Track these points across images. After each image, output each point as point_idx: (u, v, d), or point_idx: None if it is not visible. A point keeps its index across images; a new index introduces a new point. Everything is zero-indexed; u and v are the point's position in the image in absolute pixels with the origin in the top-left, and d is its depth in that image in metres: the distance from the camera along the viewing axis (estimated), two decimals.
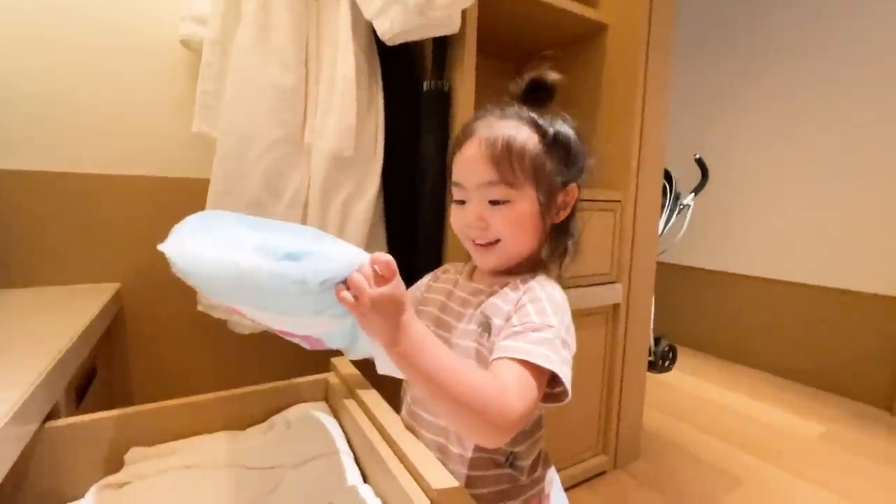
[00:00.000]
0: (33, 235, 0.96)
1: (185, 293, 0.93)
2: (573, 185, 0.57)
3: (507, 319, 0.51)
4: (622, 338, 1.28)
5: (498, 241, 0.54)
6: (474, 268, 0.64)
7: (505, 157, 0.52)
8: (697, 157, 2.08)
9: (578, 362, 0.50)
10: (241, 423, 0.71)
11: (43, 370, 0.53)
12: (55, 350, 0.59)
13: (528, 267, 0.58)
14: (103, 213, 1.02)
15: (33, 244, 0.96)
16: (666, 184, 2.03)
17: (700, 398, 1.89)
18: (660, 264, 2.41)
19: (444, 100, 0.94)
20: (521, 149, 0.53)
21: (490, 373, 0.45)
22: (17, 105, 0.94)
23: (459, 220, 0.56)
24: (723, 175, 2.30)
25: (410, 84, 0.98)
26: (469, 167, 0.54)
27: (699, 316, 2.49)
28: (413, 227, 0.99)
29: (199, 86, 0.90)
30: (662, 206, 2.02)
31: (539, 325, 0.48)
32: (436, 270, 0.70)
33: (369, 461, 0.59)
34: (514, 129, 0.54)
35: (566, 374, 0.47)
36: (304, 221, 0.92)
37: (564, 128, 0.57)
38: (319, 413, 0.71)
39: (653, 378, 2.01)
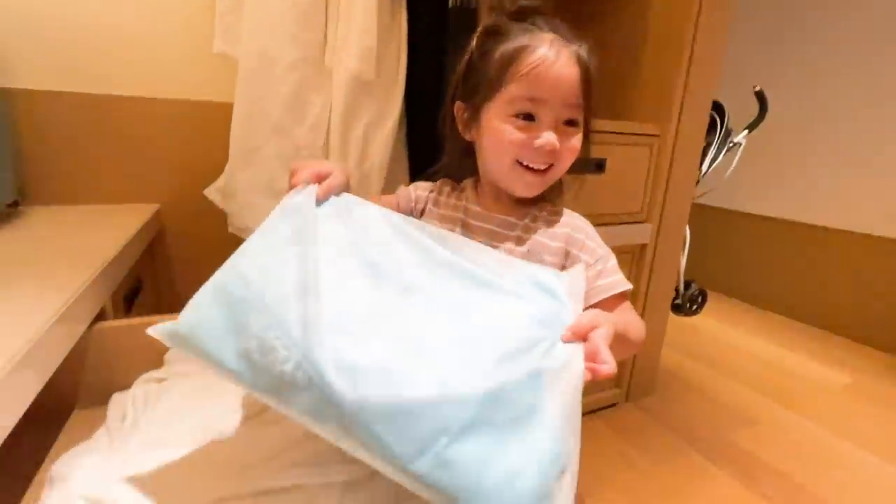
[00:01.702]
0: (75, 155, 1.02)
1: (220, 215, 0.98)
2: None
3: (558, 256, 0.54)
4: (646, 279, 1.26)
5: (551, 166, 0.52)
6: (477, 189, 0.60)
7: (588, 81, 0.51)
8: (757, 88, 1.88)
9: None
10: None
11: (89, 277, 0.59)
12: (100, 260, 0.65)
13: (550, 193, 0.58)
14: (140, 136, 1.06)
15: (75, 164, 1.02)
16: (717, 118, 1.87)
17: (724, 343, 1.88)
18: (700, 206, 2.30)
19: (471, 17, 0.87)
20: (595, 75, 0.52)
21: (611, 309, 0.50)
22: (56, 28, 0.96)
23: (524, 139, 0.50)
24: (781, 113, 2.09)
25: (436, 2, 0.92)
26: (556, 81, 0.49)
27: (736, 262, 2.40)
28: (437, 155, 0.97)
29: (217, 5, 0.88)
30: (710, 144, 1.88)
31: (605, 255, 0.54)
32: (430, 185, 0.64)
33: None
34: (589, 50, 0.52)
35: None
36: (325, 146, 0.92)
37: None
38: None
39: (678, 320, 1.99)
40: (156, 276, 1.11)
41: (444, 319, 0.40)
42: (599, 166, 1.06)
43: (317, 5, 0.86)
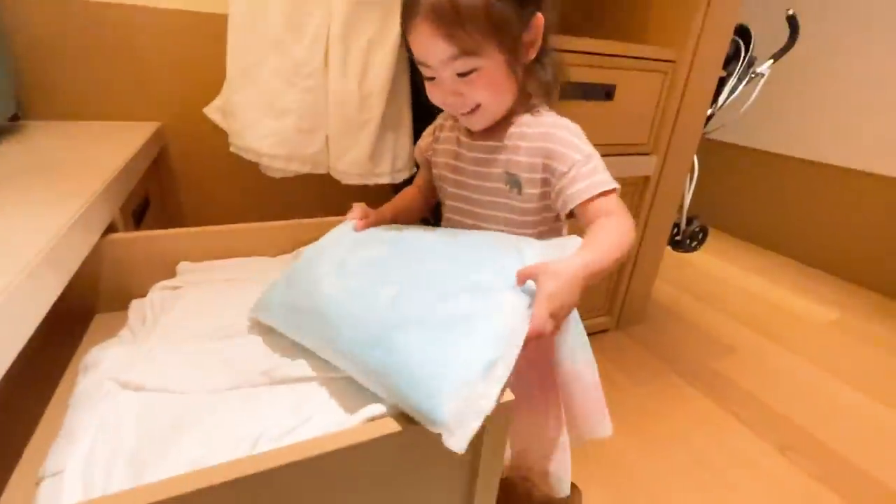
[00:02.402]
0: (74, 69, 0.99)
1: (222, 133, 0.98)
2: (537, 15, 0.53)
3: (536, 172, 0.57)
4: (646, 211, 1.27)
5: (478, 105, 0.55)
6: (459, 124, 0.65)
7: (457, 25, 0.48)
8: (791, 12, 1.74)
9: None
10: (273, 251, 0.80)
11: (99, 187, 0.61)
12: (108, 171, 0.67)
13: (522, 107, 0.59)
14: (140, 48, 1.02)
15: (74, 78, 1.00)
16: (741, 44, 1.76)
17: (718, 279, 1.92)
18: (713, 142, 2.23)
19: None
20: (470, 9, 0.48)
21: (590, 215, 0.53)
22: None
23: (436, 96, 0.56)
24: (808, 43, 1.95)
25: None
26: (425, 45, 0.51)
27: (735, 198, 2.38)
28: None
29: None
30: (730, 73, 1.78)
31: (581, 158, 0.54)
32: (433, 127, 0.71)
33: None
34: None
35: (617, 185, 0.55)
36: (325, 64, 0.89)
37: None
38: None
39: (676, 255, 2.02)
40: (162, 194, 1.13)
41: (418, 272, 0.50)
42: (608, 94, 1.03)
43: None
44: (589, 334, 0.54)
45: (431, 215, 0.82)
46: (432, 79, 0.55)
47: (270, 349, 0.54)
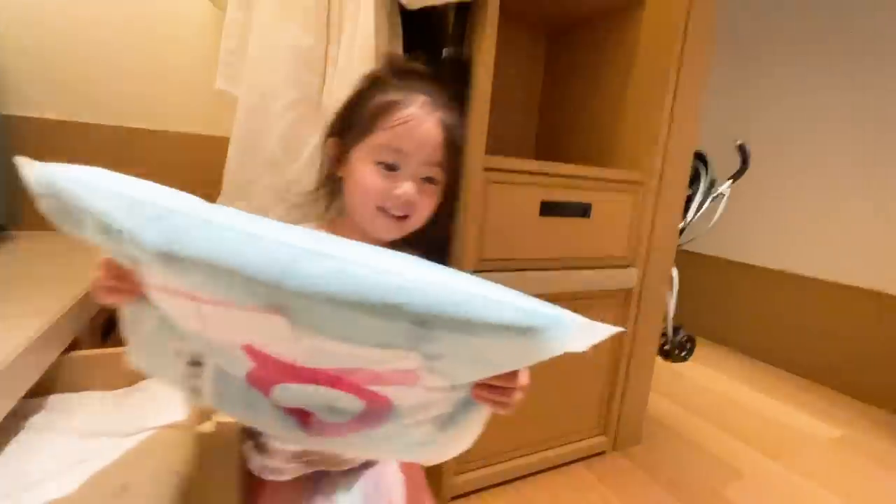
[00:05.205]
0: None
1: None
2: None
3: None
4: (632, 323, 1.26)
5: (407, 216, 0.55)
6: (347, 227, 0.60)
7: (451, 142, 0.55)
8: (739, 142, 1.96)
9: None
10: None
11: (66, 304, 0.58)
12: (80, 286, 0.65)
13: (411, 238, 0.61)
14: (137, 166, 1.07)
15: None
16: (701, 167, 1.94)
17: (713, 391, 1.86)
18: (687, 253, 2.33)
19: (462, 69, 0.92)
20: (458, 138, 0.57)
21: None
22: (65, 59, 0.99)
23: (385, 186, 0.53)
24: (763, 164, 2.17)
25: (431, 51, 0.97)
26: (425, 139, 0.54)
27: (724, 309, 2.42)
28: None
29: (222, 43, 0.92)
30: (695, 192, 1.94)
31: None
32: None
33: None
34: (457, 118, 0.57)
35: None
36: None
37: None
38: None
39: (667, 367, 1.98)
40: None
41: None
42: (585, 211, 1.09)
43: (316, 50, 0.90)
44: (585, 458, 0.49)
45: None
46: (392, 169, 0.54)
47: None
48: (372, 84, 0.59)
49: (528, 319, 0.30)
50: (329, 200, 0.64)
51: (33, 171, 0.34)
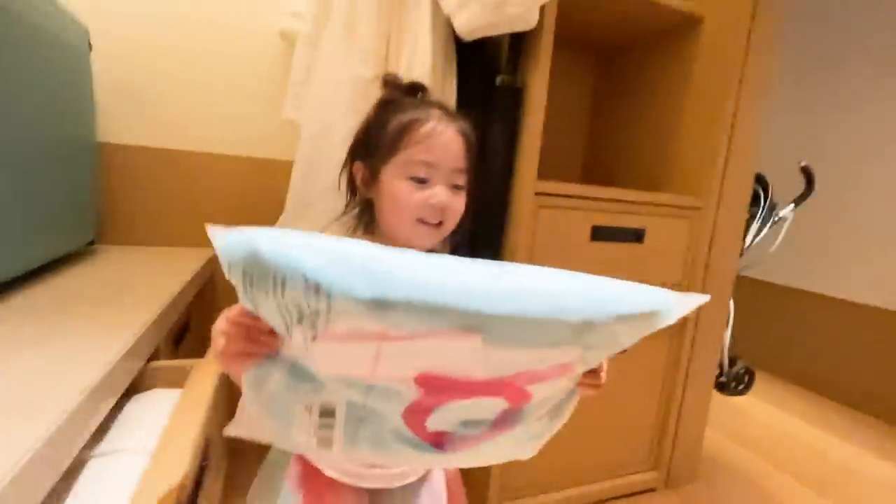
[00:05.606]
0: (148, 202, 1.13)
1: None
2: None
3: None
4: (687, 352, 1.21)
5: (442, 222, 0.58)
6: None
7: (470, 148, 0.59)
8: (803, 164, 1.86)
9: (634, 371, 0.53)
10: None
11: (149, 318, 0.64)
12: (159, 302, 0.70)
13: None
14: (206, 187, 1.17)
15: (147, 209, 1.13)
16: (760, 191, 1.85)
17: (772, 427, 1.73)
18: (746, 280, 2.21)
19: (515, 97, 0.94)
20: (474, 145, 0.60)
21: None
22: (137, 88, 1.10)
23: (420, 198, 0.56)
24: (830, 187, 2.04)
25: (485, 79, 0.99)
26: (450, 149, 0.57)
27: (785, 340, 2.26)
28: (474, 220, 1.01)
29: (291, 76, 0.99)
30: (754, 216, 1.85)
31: None
32: None
33: None
34: (469, 124, 0.60)
35: None
36: None
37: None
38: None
39: (725, 401, 1.87)
40: (202, 318, 1.17)
41: None
42: (638, 237, 1.07)
43: (376, 82, 0.95)
44: (633, 494, 0.49)
45: None
46: (423, 182, 0.56)
47: None
48: (387, 106, 0.63)
49: (657, 304, 0.38)
50: (359, 220, 0.67)
51: (228, 239, 0.34)
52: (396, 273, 0.33)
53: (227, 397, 0.71)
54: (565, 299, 0.36)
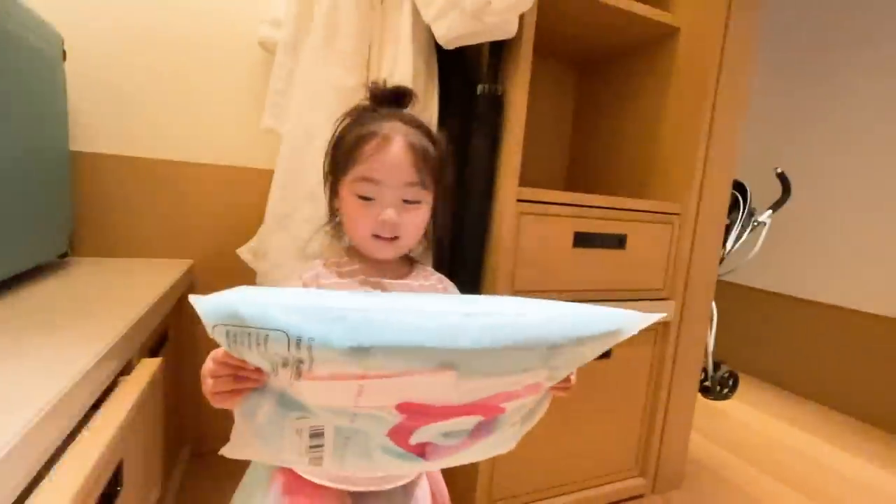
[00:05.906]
0: (123, 213, 1.10)
1: (249, 274, 1.03)
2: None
3: None
4: (671, 357, 1.22)
5: (397, 237, 0.58)
6: (360, 257, 0.62)
7: (424, 160, 0.57)
8: (779, 170, 1.91)
9: (619, 378, 0.56)
10: None
11: (122, 329, 0.62)
12: (134, 313, 0.68)
13: (407, 257, 0.66)
14: (183, 197, 1.15)
15: (122, 220, 1.10)
16: (739, 197, 1.89)
17: (757, 431, 1.75)
18: (728, 285, 2.25)
19: (496, 104, 0.95)
20: (431, 151, 0.59)
21: None
22: (112, 97, 1.08)
23: (368, 216, 0.56)
24: (808, 192, 2.10)
25: (466, 87, 1.00)
26: (395, 165, 0.56)
27: (770, 344, 2.29)
28: (457, 227, 1.01)
29: (270, 85, 0.98)
30: (734, 222, 1.88)
31: None
32: (310, 274, 0.60)
33: None
34: (424, 138, 0.59)
35: None
36: None
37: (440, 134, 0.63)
38: None
39: (709, 406, 1.89)
40: (180, 329, 1.14)
41: None
42: (620, 242, 1.08)
43: (357, 88, 0.95)
44: (622, 500, 0.51)
45: None
46: (369, 200, 0.56)
47: None
48: (350, 118, 0.62)
49: (617, 324, 0.42)
50: (335, 230, 0.67)
51: (207, 304, 0.36)
52: (372, 319, 0.36)
53: (154, 415, 0.69)
54: (532, 331, 0.39)
